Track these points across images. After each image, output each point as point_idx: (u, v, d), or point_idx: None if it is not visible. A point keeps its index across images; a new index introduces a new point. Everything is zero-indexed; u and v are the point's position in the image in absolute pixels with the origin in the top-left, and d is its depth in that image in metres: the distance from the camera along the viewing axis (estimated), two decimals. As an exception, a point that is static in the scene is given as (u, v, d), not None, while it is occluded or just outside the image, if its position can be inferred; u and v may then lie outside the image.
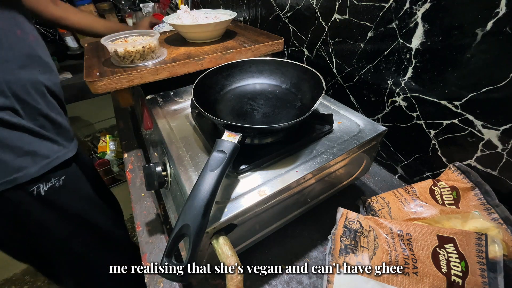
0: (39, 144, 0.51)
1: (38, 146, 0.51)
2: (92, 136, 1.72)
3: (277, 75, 0.54)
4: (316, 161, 0.38)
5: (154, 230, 0.48)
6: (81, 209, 0.62)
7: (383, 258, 0.33)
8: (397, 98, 0.51)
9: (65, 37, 1.39)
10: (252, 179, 0.36)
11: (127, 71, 0.53)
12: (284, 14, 0.73)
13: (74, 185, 0.61)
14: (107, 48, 0.57)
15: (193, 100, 0.41)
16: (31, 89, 0.51)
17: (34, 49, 0.54)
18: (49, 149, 0.53)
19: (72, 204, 0.60)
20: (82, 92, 1.24)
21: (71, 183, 0.59)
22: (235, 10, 0.85)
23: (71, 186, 0.59)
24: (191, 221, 0.27)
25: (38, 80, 0.53)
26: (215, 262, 0.36)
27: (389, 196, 0.44)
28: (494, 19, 0.34)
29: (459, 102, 0.41)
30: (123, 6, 1.54)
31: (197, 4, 1.41)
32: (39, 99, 0.52)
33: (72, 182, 0.60)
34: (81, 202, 0.63)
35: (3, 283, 1.31)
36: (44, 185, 0.53)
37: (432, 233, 0.34)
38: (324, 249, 0.43)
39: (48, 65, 0.58)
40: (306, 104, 0.46)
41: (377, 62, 0.52)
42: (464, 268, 0.31)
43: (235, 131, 0.35)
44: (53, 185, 0.54)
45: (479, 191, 0.40)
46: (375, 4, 0.48)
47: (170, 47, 0.68)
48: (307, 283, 0.39)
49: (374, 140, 0.44)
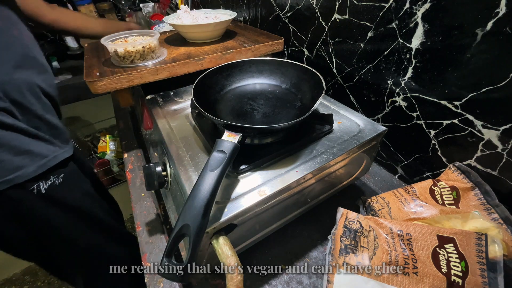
0: (35, 144, 0.52)
1: (35, 146, 0.51)
2: (92, 136, 1.72)
3: (277, 75, 0.54)
4: (316, 161, 0.38)
5: (154, 230, 0.48)
6: (83, 204, 0.63)
7: (383, 258, 0.33)
8: (397, 98, 0.51)
9: (65, 37, 1.39)
10: (252, 179, 0.36)
11: (127, 71, 0.53)
12: (284, 14, 0.73)
13: (74, 181, 0.61)
14: (107, 48, 0.57)
15: (193, 100, 0.41)
16: (26, 91, 0.50)
17: (30, 49, 0.54)
18: (46, 149, 0.54)
19: (74, 199, 0.61)
20: (82, 92, 1.24)
21: (71, 180, 0.60)
22: (235, 10, 0.85)
23: (71, 183, 0.60)
24: (191, 221, 0.27)
25: (33, 81, 0.52)
26: (215, 262, 0.36)
27: (389, 196, 0.44)
28: (494, 19, 0.34)
29: (459, 102, 0.41)
30: (123, 6, 1.54)
31: (197, 4, 1.41)
32: (33, 100, 0.52)
33: (72, 179, 0.60)
34: (83, 198, 0.64)
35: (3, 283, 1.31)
36: (44, 183, 0.53)
37: (432, 233, 0.34)
38: (324, 249, 0.43)
39: (43, 66, 0.57)
40: (306, 104, 0.46)
41: (377, 62, 0.52)
42: (464, 268, 0.31)
43: (235, 131, 0.35)
44: (53, 183, 0.55)
45: (479, 191, 0.40)
46: (375, 4, 0.48)
47: (170, 47, 0.68)
48: (307, 283, 0.39)
49: (374, 140, 0.44)
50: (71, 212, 0.60)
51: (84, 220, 0.63)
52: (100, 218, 0.68)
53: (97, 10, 1.44)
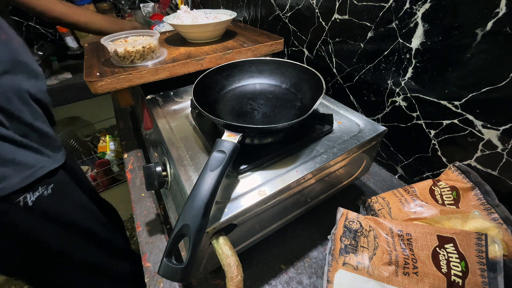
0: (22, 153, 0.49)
1: (21, 156, 0.48)
2: (92, 136, 1.72)
3: (277, 75, 0.54)
4: (316, 161, 0.38)
5: (154, 230, 0.48)
6: (74, 216, 0.60)
7: (383, 258, 0.33)
8: (397, 98, 0.51)
9: (65, 37, 1.39)
10: (252, 179, 0.36)
11: (127, 71, 0.53)
12: (284, 14, 0.73)
13: (64, 192, 0.58)
14: (107, 48, 0.57)
15: (193, 100, 0.41)
16: (13, 96, 0.48)
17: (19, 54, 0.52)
18: (34, 159, 0.51)
19: (64, 211, 0.57)
20: (82, 92, 1.24)
21: (61, 190, 0.56)
22: (235, 10, 0.85)
23: (62, 193, 0.57)
24: (191, 221, 0.27)
25: (21, 87, 0.50)
26: (215, 262, 0.36)
27: (389, 196, 0.44)
28: (494, 19, 0.34)
29: (459, 102, 0.41)
30: (123, 6, 1.54)
31: (197, 4, 1.41)
32: (22, 107, 0.50)
33: (62, 189, 0.57)
34: (74, 209, 0.60)
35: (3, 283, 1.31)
36: (31, 195, 0.50)
37: (432, 233, 0.34)
38: (324, 249, 0.43)
39: (34, 72, 0.55)
40: (306, 104, 0.46)
41: (377, 62, 0.52)
42: (464, 268, 0.31)
43: (235, 131, 0.35)
44: (41, 194, 0.52)
45: (479, 191, 0.40)
46: (375, 4, 0.48)
47: (170, 47, 0.68)
48: (307, 283, 0.39)
49: (374, 140, 0.44)
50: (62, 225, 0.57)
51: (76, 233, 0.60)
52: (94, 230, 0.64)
53: (97, 10, 1.44)
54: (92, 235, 0.64)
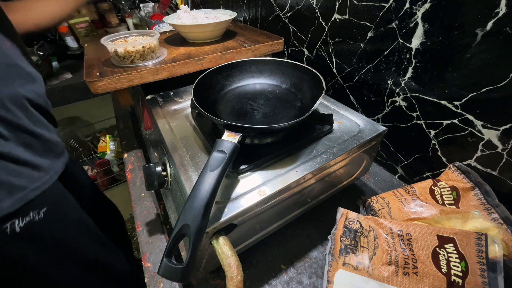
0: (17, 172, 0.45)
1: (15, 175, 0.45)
2: (92, 136, 1.72)
3: (277, 75, 0.54)
4: (316, 161, 0.38)
5: (154, 230, 0.48)
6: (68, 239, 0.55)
7: (383, 258, 0.33)
8: (397, 98, 0.51)
9: (65, 37, 1.39)
10: (252, 179, 0.36)
11: (127, 71, 0.53)
12: (284, 14, 0.73)
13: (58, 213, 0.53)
14: (107, 48, 0.57)
15: (193, 100, 0.41)
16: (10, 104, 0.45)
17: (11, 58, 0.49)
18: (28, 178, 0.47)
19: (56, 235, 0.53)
20: (82, 92, 1.24)
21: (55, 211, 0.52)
22: (235, 10, 0.85)
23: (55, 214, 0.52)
24: (191, 221, 0.27)
25: (18, 92, 0.47)
26: (215, 262, 0.36)
27: (389, 196, 0.44)
28: (494, 19, 0.34)
29: (459, 102, 0.41)
30: (123, 6, 1.54)
31: (197, 4, 1.41)
32: (21, 114, 0.47)
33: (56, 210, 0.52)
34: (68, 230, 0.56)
35: (3, 283, 1.31)
36: (19, 220, 0.45)
37: (432, 233, 0.34)
38: (324, 249, 0.43)
39: (30, 75, 0.52)
40: (306, 104, 0.46)
41: (377, 62, 0.52)
42: (464, 268, 0.31)
43: (235, 131, 0.35)
44: (32, 220, 0.47)
45: (479, 191, 0.40)
46: (375, 4, 0.48)
47: (170, 47, 0.68)
48: (307, 283, 0.39)
49: (374, 140, 0.44)
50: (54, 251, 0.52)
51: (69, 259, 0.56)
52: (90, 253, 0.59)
53: (97, 10, 1.44)
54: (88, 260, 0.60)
